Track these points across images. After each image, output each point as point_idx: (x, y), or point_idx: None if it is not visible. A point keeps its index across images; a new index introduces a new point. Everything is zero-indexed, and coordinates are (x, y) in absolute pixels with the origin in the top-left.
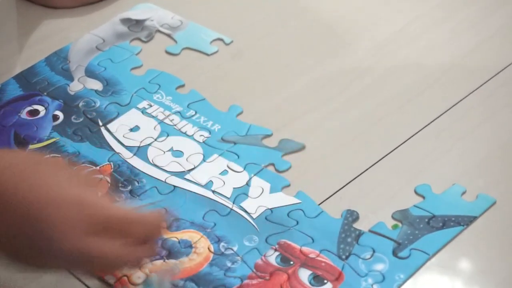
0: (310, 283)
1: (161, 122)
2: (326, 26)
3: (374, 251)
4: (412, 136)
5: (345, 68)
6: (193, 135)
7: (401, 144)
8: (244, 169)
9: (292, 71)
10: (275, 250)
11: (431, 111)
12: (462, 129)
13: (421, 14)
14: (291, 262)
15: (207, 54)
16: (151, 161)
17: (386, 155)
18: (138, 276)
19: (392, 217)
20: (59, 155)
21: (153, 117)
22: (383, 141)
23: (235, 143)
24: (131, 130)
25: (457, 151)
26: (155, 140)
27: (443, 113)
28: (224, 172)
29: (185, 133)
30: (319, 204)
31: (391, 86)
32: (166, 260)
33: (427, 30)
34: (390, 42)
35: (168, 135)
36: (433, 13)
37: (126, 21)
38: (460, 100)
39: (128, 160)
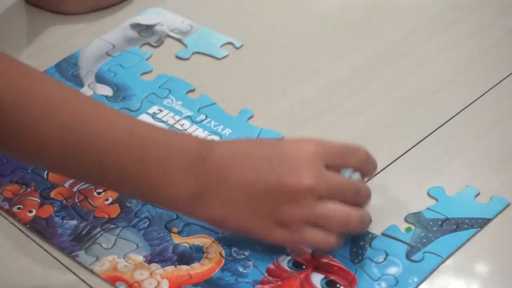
0: (323, 287)
1: (171, 127)
2: (337, 28)
3: (387, 255)
4: (424, 138)
5: (357, 71)
6: None
7: (414, 146)
8: None
9: (303, 74)
10: (287, 254)
11: (443, 112)
12: (475, 130)
13: (434, 15)
14: (304, 267)
15: (217, 58)
16: None
17: (399, 157)
18: (149, 282)
19: (405, 220)
20: None
21: (163, 122)
22: (396, 144)
23: None
24: None
25: (470, 153)
26: None
27: (456, 115)
28: None
29: None
30: None
31: (403, 88)
32: (178, 266)
33: (439, 31)
34: (402, 43)
35: None
36: (446, 14)
37: (136, 26)
38: (473, 102)
39: None
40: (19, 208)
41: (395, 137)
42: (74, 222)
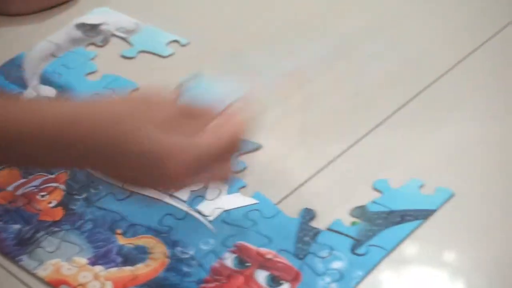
0: (267, 284)
1: None
2: (287, 23)
3: (331, 249)
4: (369, 132)
5: (305, 66)
6: None
7: (359, 140)
8: None
9: (255, 65)
10: (232, 252)
11: (388, 106)
12: (419, 123)
13: (387, 8)
14: (248, 264)
15: (163, 56)
16: None
17: (344, 152)
18: (93, 285)
19: (350, 214)
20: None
21: None
22: (340, 138)
23: None
24: None
25: (415, 145)
26: None
27: (400, 108)
28: None
29: None
30: (276, 204)
31: (351, 82)
32: (122, 267)
33: (392, 24)
34: (354, 37)
35: None
36: (399, 7)
37: (81, 26)
38: (416, 95)
39: None
40: None
41: (340, 131)
42: (18, 226)
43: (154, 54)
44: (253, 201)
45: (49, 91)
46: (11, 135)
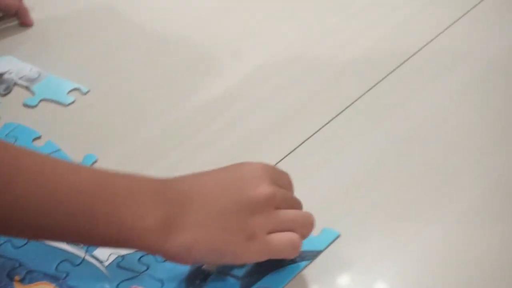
0: None
1: None
2: (189, 59)
3: None
4: None
5: (213, 99)
6: None
7: None
8: None
9: (147, 116)
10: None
11: (281, 148)
12: (308, 166)
13: (300, 34)
14: None
15: (65, 105)
16: None
17: None
18: None
19: None
20: None
21: None
22: None
23: None
24: None
25: (303, 186)
26: None
27: (290, 152)
28: None
29: None
30: None
31: (253, 119)
32: None
33: (304, 52)
34: (262, 68)
35: None
36: (310, 34)
37: None
38: (306, 139)
39: None
40: None
41: None
42: None
43: (55, 102)
44: None
45: None
46: None
